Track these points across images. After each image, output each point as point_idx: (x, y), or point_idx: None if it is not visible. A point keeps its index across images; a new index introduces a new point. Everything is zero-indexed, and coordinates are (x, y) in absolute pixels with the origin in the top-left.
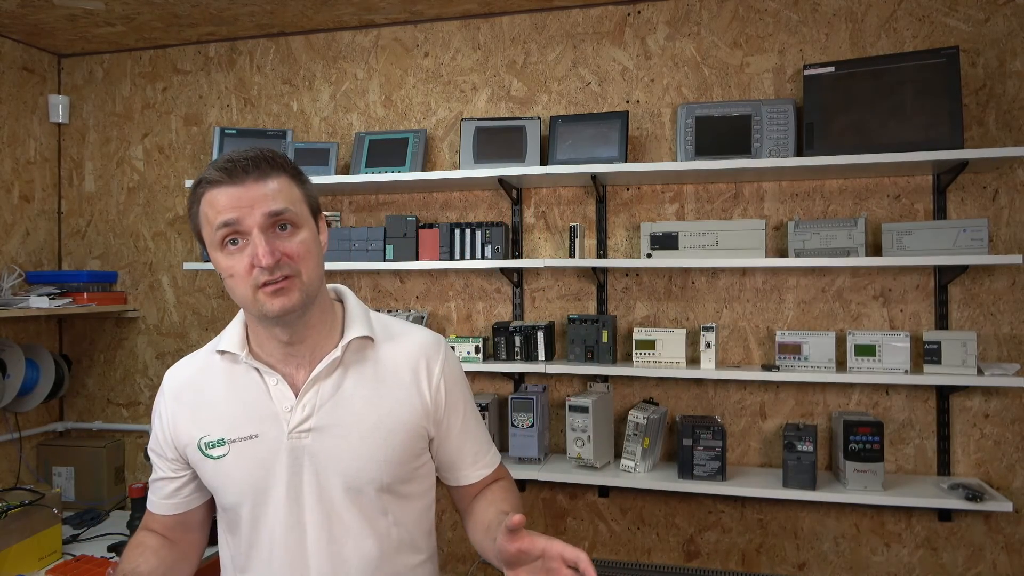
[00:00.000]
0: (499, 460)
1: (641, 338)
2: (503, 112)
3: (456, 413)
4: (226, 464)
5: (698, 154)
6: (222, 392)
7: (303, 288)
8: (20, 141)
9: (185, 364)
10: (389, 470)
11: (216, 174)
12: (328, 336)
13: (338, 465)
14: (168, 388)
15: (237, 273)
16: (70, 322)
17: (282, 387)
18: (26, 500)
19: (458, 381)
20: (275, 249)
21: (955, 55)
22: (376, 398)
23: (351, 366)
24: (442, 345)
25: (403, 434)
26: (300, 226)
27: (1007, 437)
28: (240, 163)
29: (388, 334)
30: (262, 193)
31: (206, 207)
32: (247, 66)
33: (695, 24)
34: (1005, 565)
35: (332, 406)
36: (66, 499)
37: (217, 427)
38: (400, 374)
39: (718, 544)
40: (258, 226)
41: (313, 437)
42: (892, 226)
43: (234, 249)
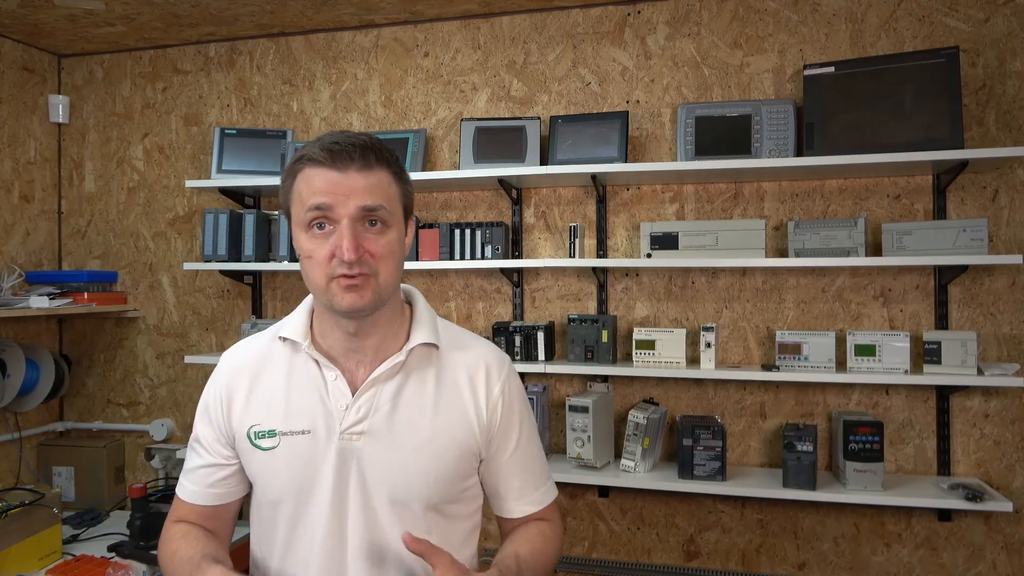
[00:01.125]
0: (551, 500)
1: (641, 338)
2: (503, 112)
3: (509, 438)
4: (274, 457)
5: (698, 154)
6: (279, 381)
7: (377, 289)
8: (20, 141)
9: (244, 347)
10: (438, 488)
11: (320, 154)
12: (394, 338)
13: (386, 475)
14: (224, 370)
15: (316, 258)
16: (70, 322)
17: (340, 384)
18: (26, 500)
19: (517, 404)
20: (360, 245)
21: (955, 55)
22: (433, 411)
23: (413, 372)
24: (506, 364)
25: (456, 452)
26: (390, 226)
27: (1007, 437)
28: (347, 148)
29: (453, 344)
30: (361, 185)
31: (302, 184)
32: (247, 66)
33: (695, 24)
34: (1005, 565)
35: (388, 412)
36: (66, 499)
37: (269, 417)
38: (460, 388)
39: (718, 544)
40: (349, 217)
41: (364, 441)
42: (892, 226)
43: (319, 233)
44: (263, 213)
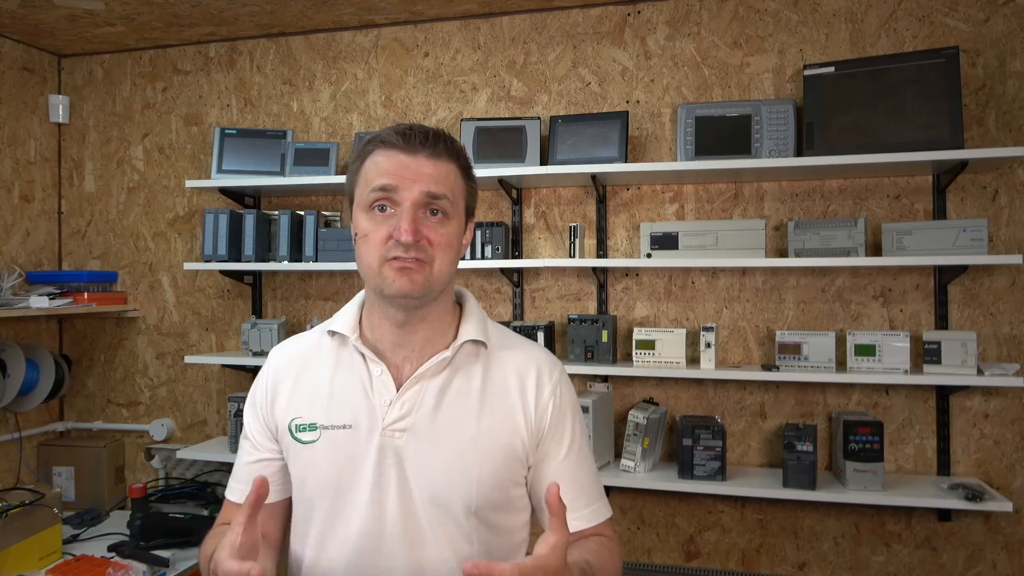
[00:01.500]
0: (605, 518)
1: (641, 338)
2: (503, 112)
3: (558, 444)
4: (315, 451)
5: (698, 154)
6: (324, 374)
7: (430, 277)
8: (20, 141)
9: (293, 342)
10: (480, 492)
11: (393, 137)
12: (442, 335)
13: (427, 475)
14: (271, 365)
15: (372, 238)
16: (70, 322)
17: (385, 379)
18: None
19: (568, 410)
20: (418, 229)
21: (955, 55)
22: (479, 410)
23: (459, 370)
24: (558, 367)
25: (501, 455)
26: (451, 218)
27: (1007, 437)
28: (419, 134)
29: (503, 343)
30: (429, 171)
31: (370, 165)
32: (247, 66)
33: (695, 24)
34: (1005, 565)
35: (432, 409)
36: (66, 499)
37: (312, 410)
38: (508, 389)
39: (718, 544)
40: (412, 201)
41: (407, 439)
42: (892, 226)
43: (380, 215)
44: (263, 213)
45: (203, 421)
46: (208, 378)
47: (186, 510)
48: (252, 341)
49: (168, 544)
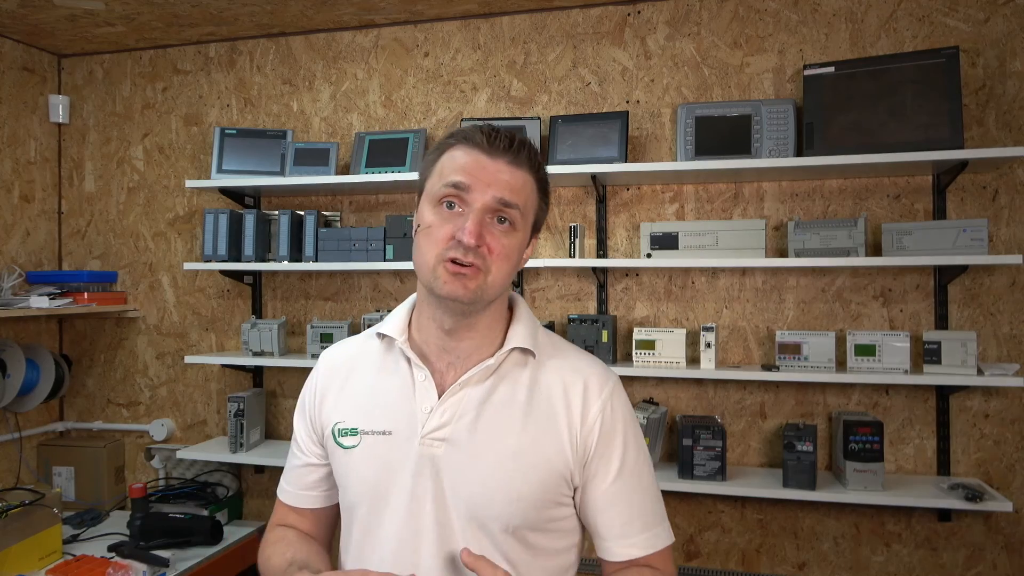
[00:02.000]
0: (664, 545)
1: (641, 338)
2: (503, 112)
3: (608, 464)
4: (355, 457)
5: (698, 154)
6: (369, 378)
7: (483, 286)
8: (20, 141)
9: (342, 345)
10: (519, 510)
11: (477, 135)
12: (489, 342)
13: (465, 488)
14: (321, 368)
15: (434, 234)
16: (70, 322)
17: (428, 385)
18: (26, 500)
19: (620, 427)
20: (482, 234)
21: (955, 55)
22: (522, 424)
23: (504, 379)
24: (611, 380)
25: (543, 472)
26: (517, 229)
27: (1007, 437)
28: (504, 138)
29: (552, 353)
30: (505, 177)
31: (447, 159)
32: (247, 66)
33: (695, 24)
34: (1005, 565)
35: (473, 419)
36: (66, 499)
37: (354, 414)
38: (554, 402)
39: (718, 544)
40: (483, 204)
41: (445, 449)
42: (892, 226)
43: (447, 212)
44: (263, 213)
45: (203, 421)
46: (208, 378)
47: (186, 510)
48: (252, 341)
49: (168, 544)
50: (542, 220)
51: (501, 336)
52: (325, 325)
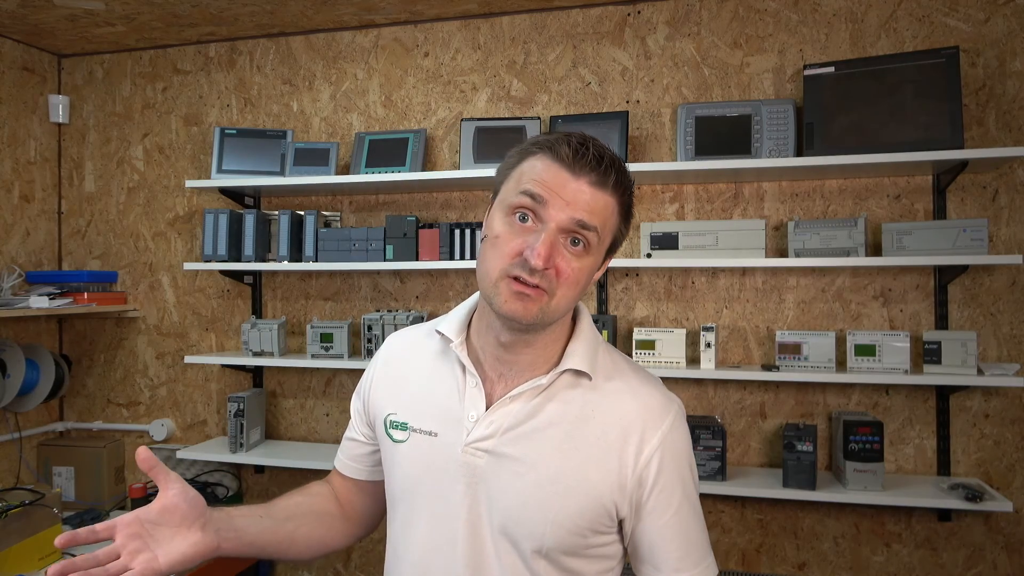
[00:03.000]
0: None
1: (641, 338)
2: (503, 112)
3: (666, 501)
4: (401, 451)
5: (698, 154)
6: (424, 375)
7: (545, 309)
8: (20, 141)
9: (405, 334)
10: (554, 534)
11: (564, 150)
12: (545, 359)
13: (501, 503)
14: (383, 353)
15: (501, 246)
16: (70, 322)
17: (477, 393)
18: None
19: (680, 462)
20: (552, 256)
21: (955, 55)
22: (569, 445)
23: (554, 398)
24: (672, 412)
25: (585, 499)
26: (591, 253)
27: (1007, 437)
28: (593, 156)
29: (611, 376)
30: (587, 198)
31: (527, 167)
32: (247, 66)
33: (695, 24)
34: (1005, 565)
35: (519, 435)
36: (66, 499)
37: (405, 409)
38: (608, 430)
39: (718, 544)
40: (558, 223)
41: (488, 461)
42: (892, 226)
43: (519, 225)
44: (263, 213)
45: (203, 421)
46: (208, 378)
47: None
48: (252, 341)
49: None
50: (620, 242)
51: (559, 353)
52: (325, 325)
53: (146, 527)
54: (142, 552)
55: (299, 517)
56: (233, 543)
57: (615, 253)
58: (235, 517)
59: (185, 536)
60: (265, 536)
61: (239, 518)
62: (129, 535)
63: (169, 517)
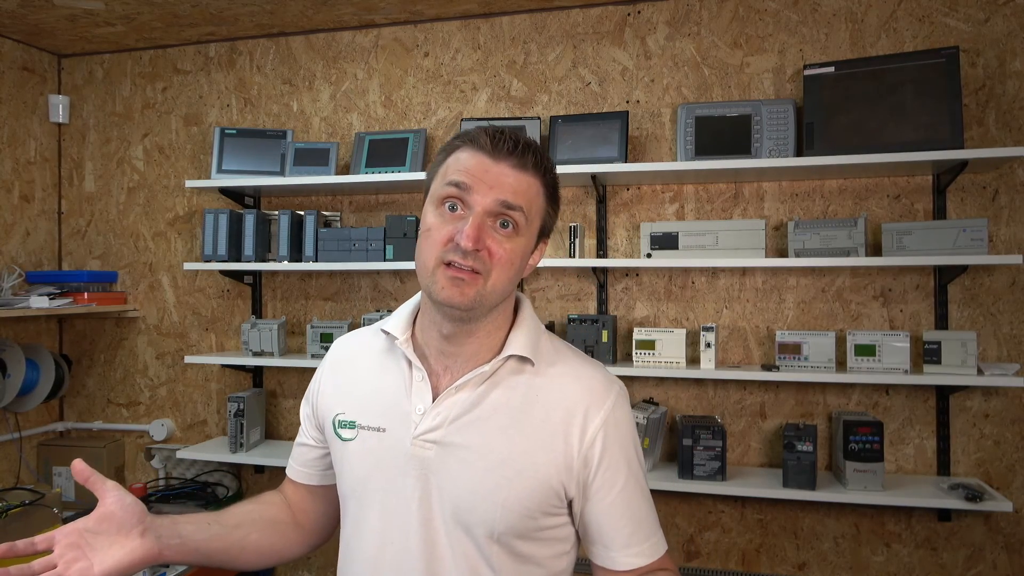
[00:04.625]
0: (664, 551)
1: (641, 338)
2: (503, 112)
3: (612, 479)
4: (350, 449)
5: (698, 154)
6: (370, 374)
7: (482, 292)
8: (20, 141)
9: (352, 336)
10: (506, 518)
11: (482, 137)
12: (488, 347)
13: (452, 491)
14: (330, 356)
15: (434, 236)
16: (70, 322)
17: (424, 386)
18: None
19: (623, 441)
20: (482, 238)
21: (955, 55)
22: (515, 430)
23: (499, 386)
24: (614, 392)
25: (533, 481)
26: (521, 234)
27: (1007, 437)
28: (509, 141)
29: (553, 361)
30: (509, 180)
31: (452, 161)
32: (247, 66)
33: (695, 24)
34: (1005, 565)
35: (465, 423)
36: (66, 499)
37: (353, 408)
38: (552, 413)
39: (718, 544)
40: (483, 207)
41: (436, 451)
42: (892, 226)
43: (449, 214)
44: (263, 213)
45: (203, 421)
46: (208, 378)
47: (186, 510)
48: (252, 341)
49: None
50: (550, 226)
51: (502, 341)
52: (325, 325)
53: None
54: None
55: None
56: (176, 550)
57: (548, 238)
58: (180, 524)
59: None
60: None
61: (184, 525)
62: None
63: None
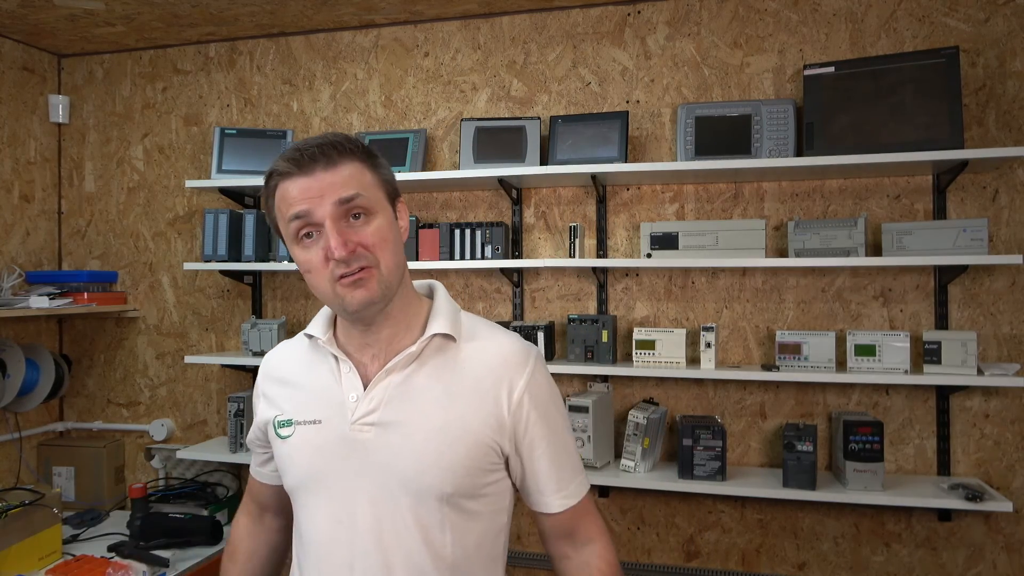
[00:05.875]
0: (586, 490)
1: (641, 338)
2: (503, 112)
3: (540, 434)
4: (290, 446)
5: (698, 154)
6: (300, 374)
7: (382, 279)
8: (20, 141)
9: (278, 349)
10: (451, 479)
11: (285, 165)
12: (409, 330)
13: (397, 465)
14: (261, 371)
15: (314, 267)
16: (70, 322)
17: (353, 376)
18: (26, 500)
19: (546, 398)
20: (348, 239)
21: (955, 55)
22: (447, 400)
23: (427, 364)
24: (532, 356)
25: (470, 443)
26: (374, 213)
27: (1007, 437)
28: (308, 152)
29: (473, 335)
30: (331, 182)
31: (279, 201)
32: (247, 66)
33: (695, 24)
34: (1005, 565)
35: (399, 402)
36: (66, 499)
37: (289, 408)
38: (480, 380)
39: (718, 544)
40: (330, 216)
41: (375, 432)
42: (892, 226)
43: (309, 242)
44: (263, 213)
45: (203, 421)
46: (208, 378)
47: (186, 510)
48: (252, 341)
49: (168, 544)
50: (392, 186)
51: (420, 322)
52: None
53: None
54: None
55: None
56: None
57: (399, 196)
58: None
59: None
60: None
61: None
62: None
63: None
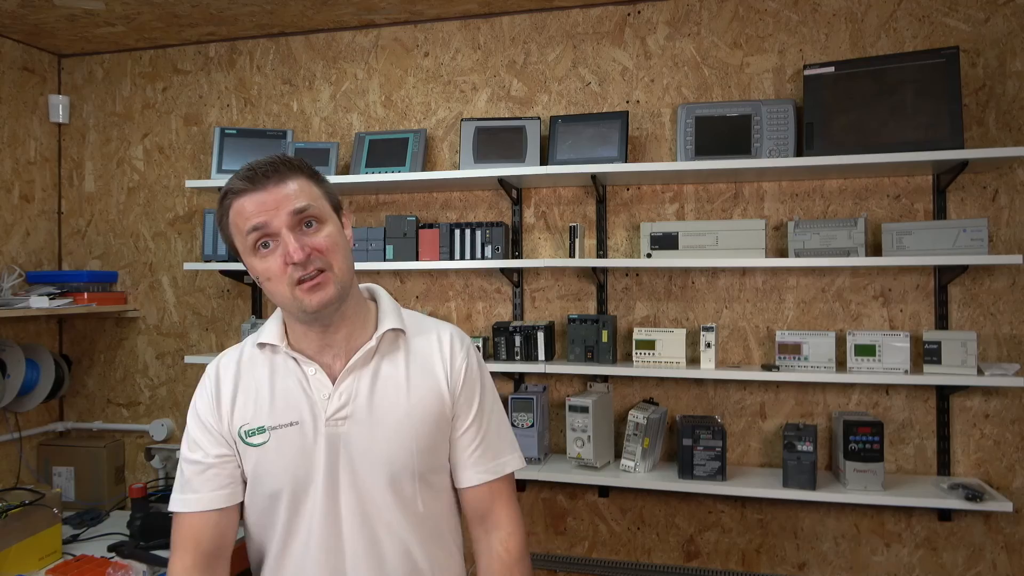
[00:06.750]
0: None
1: (641, 338)
2: (503, 112)
3: (469, 405)
4: (266, 451)
5: (698, 154)
6: (263, 381)
7: (337, 280)
8: (20, 141)
9: (225, 356)
10: (422, 459)
11: (239, 183)
12: (363, 328)
13: (374, 452)
14: (208, 378)
15: (274, 275)
16: (70, 322)
17: (320, 376)
18: (26, 500)
19: (476, 374)
20: (304, 244)
21: (955, 55)
22: (407, 387)
23: (385, 356)
24: (466, 340)
25: (431, 422)
26: (324, 221)
27: (1007, 437)
28: (260, 169)
29: (418, 328)
30: (284, 194)
31: (235, 217)
32: (247, 66)
33: (695, 24)
34: (1005, 565)
35: (368, 394)
36: (66, 499)
37: (257, 415)
38: (430, 362)
39: (718, 544)
40: (286, 225)
41: (350, 424)
42: (892, 226)
43: (266, 252)
44: None
45: None
46: None
47: None
48: None
49: (168, 544)
50: (336, 200)
51: (372, 321)
52: None
53: None
54: None
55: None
56: None
57: (344, 210)
58: None
59: None
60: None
61: None
62: None
63: None
